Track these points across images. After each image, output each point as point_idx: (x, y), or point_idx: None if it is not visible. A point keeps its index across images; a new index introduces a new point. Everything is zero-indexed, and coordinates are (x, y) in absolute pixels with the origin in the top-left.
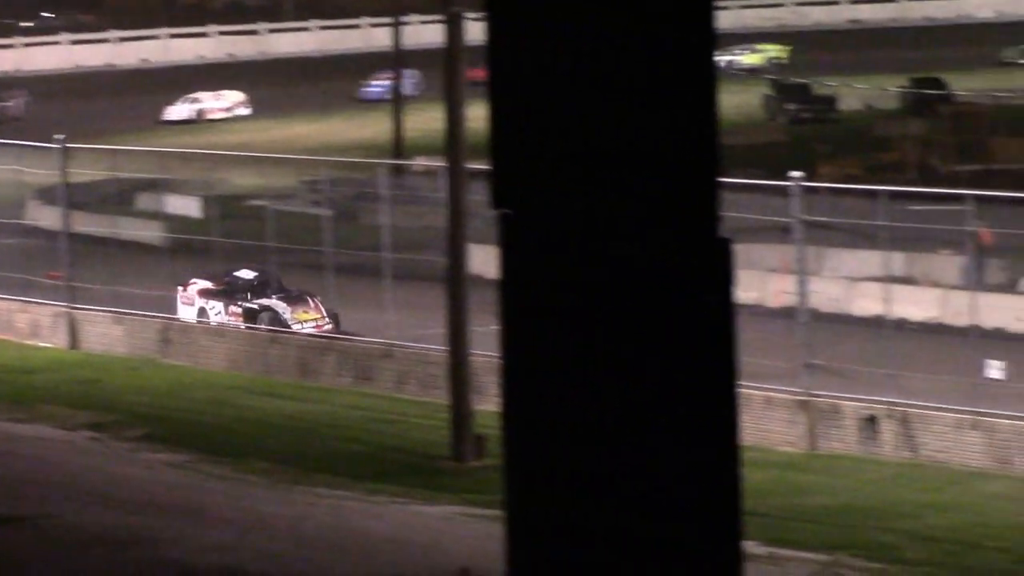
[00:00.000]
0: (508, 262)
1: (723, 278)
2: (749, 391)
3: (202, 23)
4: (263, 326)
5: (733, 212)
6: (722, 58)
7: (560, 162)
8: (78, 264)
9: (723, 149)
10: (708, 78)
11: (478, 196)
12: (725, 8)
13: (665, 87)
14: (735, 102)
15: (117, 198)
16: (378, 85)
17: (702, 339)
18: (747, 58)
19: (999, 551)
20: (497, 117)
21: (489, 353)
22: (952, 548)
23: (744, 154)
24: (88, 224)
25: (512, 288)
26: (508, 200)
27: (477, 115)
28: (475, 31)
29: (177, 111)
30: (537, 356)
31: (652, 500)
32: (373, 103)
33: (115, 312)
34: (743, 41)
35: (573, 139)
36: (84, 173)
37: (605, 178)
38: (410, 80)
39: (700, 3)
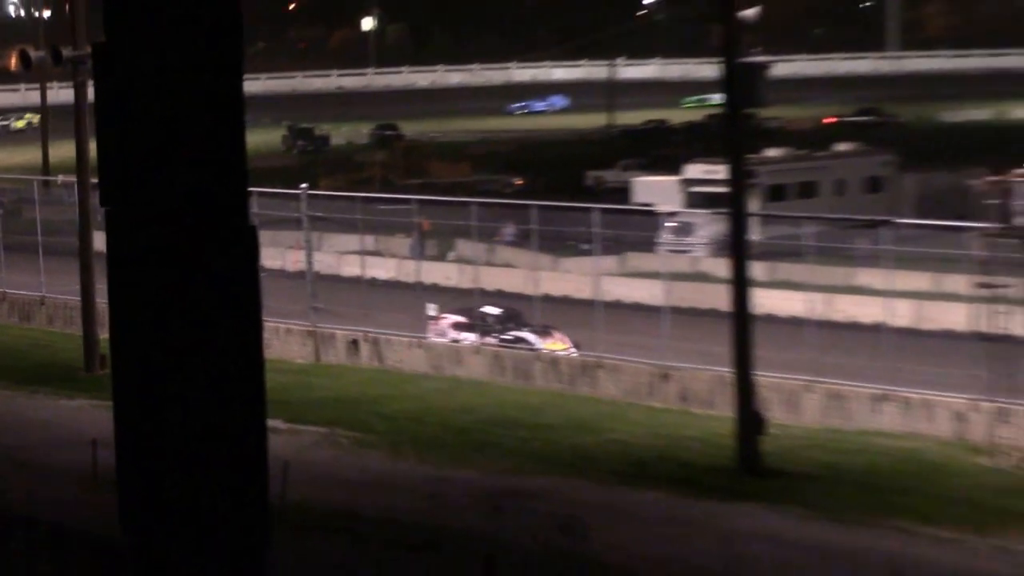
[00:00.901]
0: (111, 241)
1: (252, 252)
2: (275, 324)
3: None
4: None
5: (264, 210)
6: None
7: (144, 176)
8: None
9: (252, 169)
10: (238, 122)
11: (97, 199)
12: (255, 79)
13: (209, 129)
14: (263, 139)
15: None
16: None
17: (238, 292)
18: (17, 123)
19: (436, 425)
20: (103, 147)
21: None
22: (406, 424)
23: (269, 173)
24: None
25: (114, 258)
26: (111, 200)
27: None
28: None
29: None
30: (129, 302)
31: (206, 392)
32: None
33: None
34: (263, 103)
35: (151, 161)
36: None
37: (172, 187)
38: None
39: (233, 75)
